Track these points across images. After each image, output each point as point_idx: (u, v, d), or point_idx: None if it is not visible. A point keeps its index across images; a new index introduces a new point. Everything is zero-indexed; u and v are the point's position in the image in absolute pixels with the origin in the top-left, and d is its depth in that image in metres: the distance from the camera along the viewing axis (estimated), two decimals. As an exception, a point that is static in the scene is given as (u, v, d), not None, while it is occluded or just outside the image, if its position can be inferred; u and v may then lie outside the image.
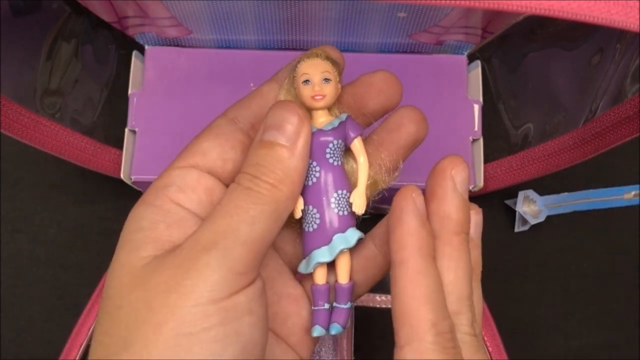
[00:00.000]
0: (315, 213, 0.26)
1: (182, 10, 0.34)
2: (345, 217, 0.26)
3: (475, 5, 0.21)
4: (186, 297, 0.21)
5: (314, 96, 0.25)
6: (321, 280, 0.27)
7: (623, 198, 0.47)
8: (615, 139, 0.35)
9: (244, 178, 0.24)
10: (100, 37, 0.41)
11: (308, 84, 0.25)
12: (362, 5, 0.33)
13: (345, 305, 0.27)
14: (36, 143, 0.37)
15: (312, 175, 0.26)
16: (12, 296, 0.44)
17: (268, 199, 0.23)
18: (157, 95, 0.39)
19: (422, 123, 0.27)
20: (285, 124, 0.24)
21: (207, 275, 0.21)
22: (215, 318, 0.21)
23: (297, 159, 0.24)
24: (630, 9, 0.21)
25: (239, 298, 0.22)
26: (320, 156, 0.26)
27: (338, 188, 0.26)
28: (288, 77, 0.27)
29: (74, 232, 0.46)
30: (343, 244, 0.26)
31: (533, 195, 0.46)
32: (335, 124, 0.26)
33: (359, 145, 0.26)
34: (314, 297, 0.27)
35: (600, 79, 0.36)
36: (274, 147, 0.24)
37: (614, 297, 0.46)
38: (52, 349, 0.43)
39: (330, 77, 0.26)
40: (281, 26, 0.37)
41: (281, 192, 0.23)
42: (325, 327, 0.26)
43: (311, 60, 0.26)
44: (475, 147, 0.39)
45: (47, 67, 0.38)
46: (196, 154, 0.26)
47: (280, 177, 0.23)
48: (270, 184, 0.23)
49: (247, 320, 0.22)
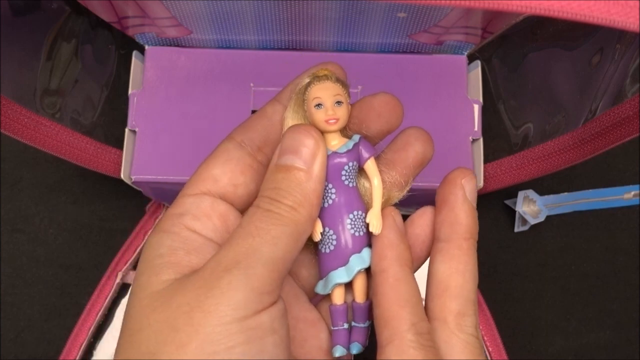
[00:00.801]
0: (332, 234, 0.26)
1: (182, 10, 0.34)
2: (361, 237, 0.26)
3: (475, 6, 0.21)
4: (210, 316, 0.21)
5: (327, 120, 0.25)
6: (339, 301, 0.27)
7: (623, 198, 0.47)
8: (615, 139, 0.35)
9: (263, 201, 0.24)
10: (100, 37, 0.41)
11: (321, 108, 0.25)
12: (362, 5, 0.33)
13: (363, 324, 0.27)
14: (36, 143, 0.37)
15: (328, 197, 0.26)
16: (12, 296, 0.44)
17: (288, 220, 0.23)
18: (157, 95, 0.39)
19: (428, 142, 0.28)
20: (301, 147, 0.24)
21: (231, 295, 0.22)
22: (239, 337, 0.21)
23: (314, 181, 0.24)
24: (630, 9, 0.21)
25: (262, 317, 0.22)
26: (336, 178, 0.26)
27: (354, 209, 0.26)
28: (293, 99, 0.27)
29: (74, 232, 0.46)
30: (360, 264, 0.26)
31: (533, 195, 0.46)
32: (350, 146, 0.26)
33: (373, 166, 0.27)
34: (332, 317, 0.27)
35: (600, 79, 0.36)
36: (292, 171, 0.24)
37: (614, 297, 0.46)
38: (52, 349, 0.43)
39: (342, 100, 0.26)
40: (281, 26, 0.37)
41: (300, 214, 0.24)
42: (346, 347, 0.27)
43: (322, 84, 0.26)
44: (475, 147, 0.39)
45: (47, 67, 0.38)
46: (207, 180, 0.26)
47: (299, 199, 0.24)
48: (289, 207, 0.24)
49: (270, 339, 0.22)
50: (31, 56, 0.37)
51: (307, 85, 0.26)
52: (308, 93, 0.26)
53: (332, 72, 0.27)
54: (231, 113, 0.39)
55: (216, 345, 0.21)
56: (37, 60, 0.37)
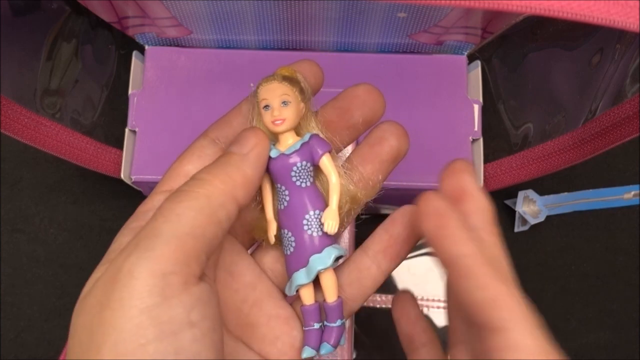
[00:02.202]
0: (291, 236, 0.26)
1: (182, 10, 0.34)
2: (320, 237, 0.26)
3: (475, 6, 0.21)
4: (118, 313, 0.20)
5: (273, 121, 0.25)
6: (309, 301, 0.26)
7: (623, 198, 0.47)
8: (615, 139, 0.35)
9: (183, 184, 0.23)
10: (100, 37, 0.41)
11: (268, 109, 0.25)
12: (362, 5, 0.33)
13: (335, 324, 0.26)
14: (36, 143, 0.37)
15: (282, 200, 0.26)
16: (12, 296, 0.44)
17: (196, 194, 0.22)
18: (157, 95, 0.39)
19: (403, 137, 0.27)
20: (243, 139, 0.25)
21: (132, 284, 0.20)
22: (150, 332, 0.20)
23: (244, 164, 0.24)
24: (630, 9, 0.21)
25: (174, 308, 0.20)
26: (286, 179, 0.26)
27: (310, 209, 0.26)
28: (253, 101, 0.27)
29: (74, 232, 0.46)
30: (320, 264, 0.26)
31: (533, 195, 0.46)
32: (298, 146, 0.26)
33: (328, 162, 0.26)
34: (304, 317, 0.27)
35: (600, 79, 0.36)
36: (227, 154, 0.24)
37: (614, 297, 0.46)
38: (52, 349, 0.43)
39: (290, 100, 0.25)
40: (281, 26, 0.37)
41: (215, 187, 0.23)
42: (315, 348, 0.26)
43: (268, 85, 0.25)
44: (475, 147, 0.39)
45: (47, 67, 0.38)
46: (179, 177, 0.26)
47: (220, 176, 0.23)
48: (205, 181, 0.23)
49: (188, 335, 0.21)
50: (31, 56, 0.37)
51: (257, 87, 0.26)
52: (257, 95, 0.26)
53: (292, 72, 0.26)
54: (231, 113, 0.39)
55: (128, 344, 0.20)
56: (37, 60, 0.37)
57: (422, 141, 0.38)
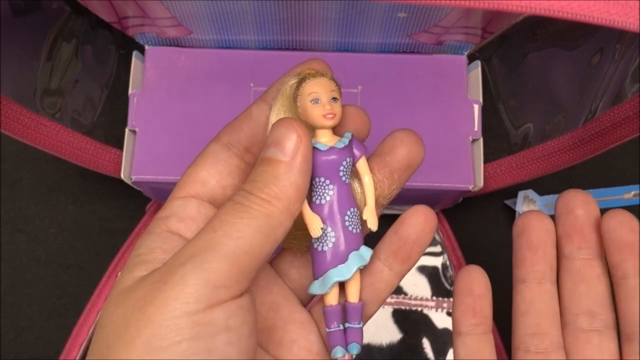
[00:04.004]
0: (330, 231, 0.26)
1: (182, 10, 0.34)
2: (357, 234, 0.26)
3: (475, 6, 0.21)
4: (160, 311, 0.21)
5: (325, 115, 0.25)
6: (334, 301, 0.26)
7: (623, 198, 0.47)
8: (615, 139, 0.35)
9: (237, 194, 0.23)
10: (100, 37, 0.41)
11: (317, 103, 0.25)
12: (362, 5, 0.33)
13: (359, 325, 0.26)
14: (36, 143, 0.37)
15: (325, 194, 0.26)
16: (12, 296, 0.44)
17: (257, 213, 0.22)
18: (157, 95, 0.39)
19: (415, 145, 0.27)
20: (284, 140, 0.24)
21: (182, 288, 0.21)
22: (187, 332, 0.21)
23: (294, 174, 0.23)
24: (630, 9, 0.21)
25: (216, 313, 0.21)
26: (333, 174, 0.26)
27: (351, 206, 0.26)
28: (279, 98, 0.27)
29: (74, 232, 0.46)
30: (360, 261, 0.26)
31: (533, 195, 0.46)
32: (346, 142, 0.26)
33: (364, 164, 0.26)
34: (327, 318, 0.26)
35: (600, 79, 0.36)
36: (272, 163, 0.23)
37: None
38: (52, 349, 0.43)
39: (337, 97, 0.25)
40: (281, 26, 0.37)
41: (274, 207, 0.23)
42: (344, 348, 0.26)
43: (318, 80, 0.25)
44: (475, 147, 0.39)
45: (47, 67, 0.38)
46: (195, 183, 0.26)
47: (274, 192, 0.23)
48: (262, 199, 0.23)
49: (223, 337, 0.21)
50: (31, 56, 0.37)
51: (300, 81, 0.26)
52: (303, 88, 0.25)
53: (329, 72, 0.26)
54: (231, 113, 0.38)
55: (163, 340, 0.20)
56: (37, 60, 0.37)
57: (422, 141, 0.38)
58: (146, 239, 0.25)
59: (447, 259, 0.44)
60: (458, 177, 0.38)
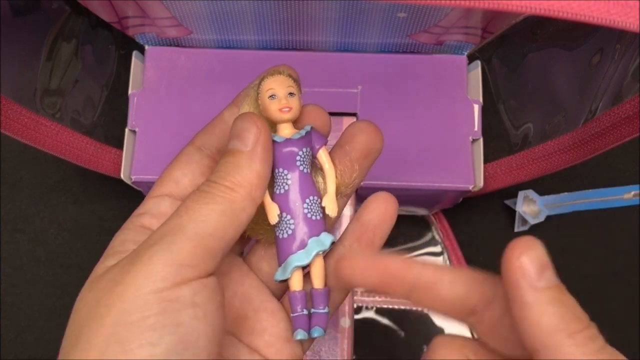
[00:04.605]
0: (290, 219, 0.27)
1: (182, 10, 0.34)
2: (318, 221, 0.27)
3: (475, 6, 0.21)
4: (128, 288, 0.22)
5: (281, 109, 0.27)
6: (298, 287, 0.27)
7: (623, 198, 0.47)
8: (615, 139, 0.35)
9: (203, 184, 0.25)
10: (100, 37, 0.41)
11: (274, 99, 0.27)
12: (362, 5, 0.33)
13: (323, 310, 0.27)
14: (36, 143, 0.37)
15: (283, 183, 0.27)
16: (12, 296, 0.44)
17: (220, 199, 0.24)
18: (157, 95, 0.39)
19: (372, 134, 0.28)
20: (244, 132, 0.25)
21: (150, 268, 0.22)
22: (155, 307, 0.22)
23: (255, 163, 0.25)
24: (630, 9, 0.21)
25: (182, 290, 0.22)
26: (291, 164, 0.27)
27: (310, 194, 0.27)
28: (247, 97, 0.28)
29: (74, 232, 0.46)
30: (319, 246, 0.27)
31: (533, 195, 0.46)
32: (303, 134, 0.27)
33: (324, 154, 0.28)
34: (292, 304, 0.27)
35: (600, 79, 0.36)
36: (234, 154, 0.25)
37: (614, 297, 0.46)
38: (52, 349, 0.43)
39: (294, 92, 0.27)
40: (281, 26, 0.37)
41: (237, 193, 0.24)
42: (306, 331, 0.27)
43: (275, 77, 0.27)
44: (475, 147, 0.39)
45: (47, 67, 0.38)
46: (169, 182, 0.27)
47: (237, 180, 0.24)
48: (225, 187, 0.24)
49: (189, 312, 0.22)
50: (31, 56, 0.37)
51: (260, 80, 0.27)
52: (262, 86, 0.27)
53: (291, 71, 0.28)
54: (231, 113, 0.39)
55: (132, 315, 0.21)
56: (37, 60, 0.37)
57: (422, 141, 0.38)
58: (120, 234, 0.26)
59: (447, 259, 0.44)
60: (458, 177, 0.38)
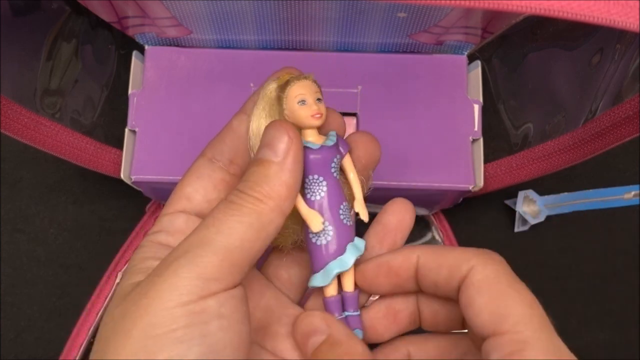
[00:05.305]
0: (328, 226, 0.27)
1: (182, 10, 0.34)
2: (351, 227, 0.27)
3: (475, 6, 0.21)
4: (154, 302, 0.22)
5: (313, 115, 0.26)
6: (335, 292, 0.27)
7: (623, 198, 0.47)
8: (615, 139, 0.35)
9: (231, 194, 0.24)
10: (100, 37, 0.41)
11: (304, 104, 0.26)
12: (362, 5, 0.33)
13: (356, 312, 0.28)
14: (36, 143, 0.37)
15: (319, 190, 0.27)
16: (12, 296, 0.44)
17: (248, 210, 0.23)
18: (157, 95, 0.39)
19: (370, 145, 0.28)
20: (275, 142, 0.25)
21: (175, 281, 0.22)
22: (181, 320, 0.22)
23: (285, 174, 0.24)
24: (630, 9, 0.21)
25: (208, 302, 0.22)
26: (326, 171, 0.27)
27: (343, 200, 0.27)
28: (260, 103, 0.27)
29: (74, 232, 0.46)
30: (356, 252, 0.27)
31: (533, 195, 0.46)
32: (335, 140, 0.27)
33: (349, 161, 0.28)
34: (330, 309, 0.27)
35: (600, 79, 0.36)
36: (264, 164, 0.25)
37: (614, 297, 0.46)
38: (52, 349, 0.43)
39: (321, 97, 0.27)
40: (281, 26, 0.37)
41: (265, 205, 0.24)
42: None
43: (302, 82, 0.26)
44: (475, 147, 0.39)
45: (47, 67, 0.38)
46: (182, 199, 0.27)
47: (265, 191, 0.24)
48: (254, 198, 0.24)
49: (216, 323, 0.22)
50: (31, 56, 0.37)
51: (285, 84, 0.27)
52: (289, 91, 0.26)
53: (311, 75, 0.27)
54: (231, 113, 0.38)
55: (159, 328, 0.21)
56: (37, 60, 0.37)
57: (422, 141, 0.38)
58: (138, 252, 0.26)
59: (447, 259, 0.44)
60: (458, 177, 0.38)
